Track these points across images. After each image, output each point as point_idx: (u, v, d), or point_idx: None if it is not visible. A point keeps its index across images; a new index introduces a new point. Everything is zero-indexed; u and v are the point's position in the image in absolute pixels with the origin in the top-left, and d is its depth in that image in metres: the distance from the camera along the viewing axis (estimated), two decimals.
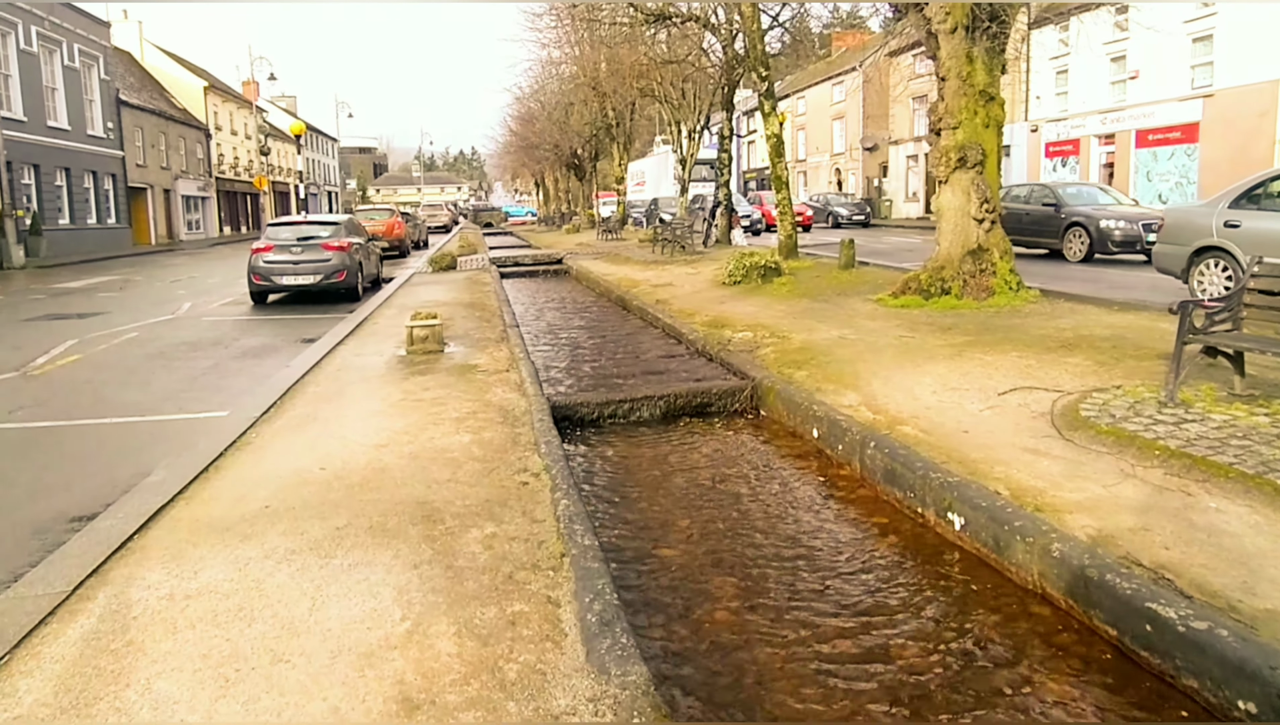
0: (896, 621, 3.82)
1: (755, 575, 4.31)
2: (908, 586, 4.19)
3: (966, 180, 10.83)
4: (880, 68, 45.83)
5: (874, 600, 4.04)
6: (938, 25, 10.81)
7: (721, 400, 7.47)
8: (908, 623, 3.81)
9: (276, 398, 7.38)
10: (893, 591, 4.13)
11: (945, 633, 3.72)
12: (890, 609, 3.95)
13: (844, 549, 4.62)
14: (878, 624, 3.80)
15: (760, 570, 4.36)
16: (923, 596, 4.08)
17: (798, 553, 4.57)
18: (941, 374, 7.18)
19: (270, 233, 15.76)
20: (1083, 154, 32.62)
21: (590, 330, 12.31)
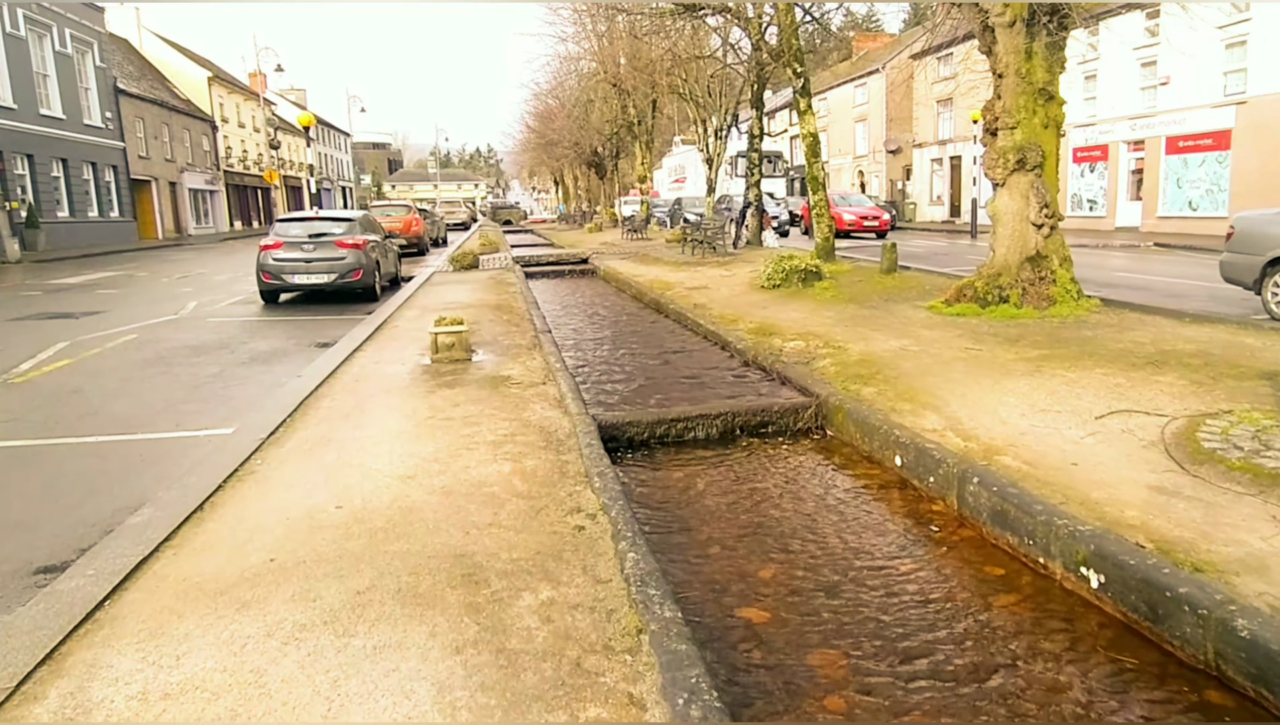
0: (1049, 705, 3.10)
1: (864, 646, 3.58)
2: (1047, 658, 3.47)
3: (1025, 183, 10.09)
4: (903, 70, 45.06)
5: (1017, 679, 3.31)
6: (995, 18, 10.07)
7: (783, 418, 6.75)
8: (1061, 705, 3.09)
9: (287, 414, 6.68)
10: (1032, 665, 3.41)
11: None
12: (1040, 687, 3.23)
13: (961, 609, 3.89)
14: (1028, 711, 3.08)
15: (869, 640, 3.64)
16: (1069, 674, 3.35)
17: (907, 612, 3.85)
18: (1024, 393, 6.44)
19: (280, 229, 15.03)
20: (1111, 160, 31.76)
21: (626, 336, 11.58)
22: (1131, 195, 31.25)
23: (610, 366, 9.46)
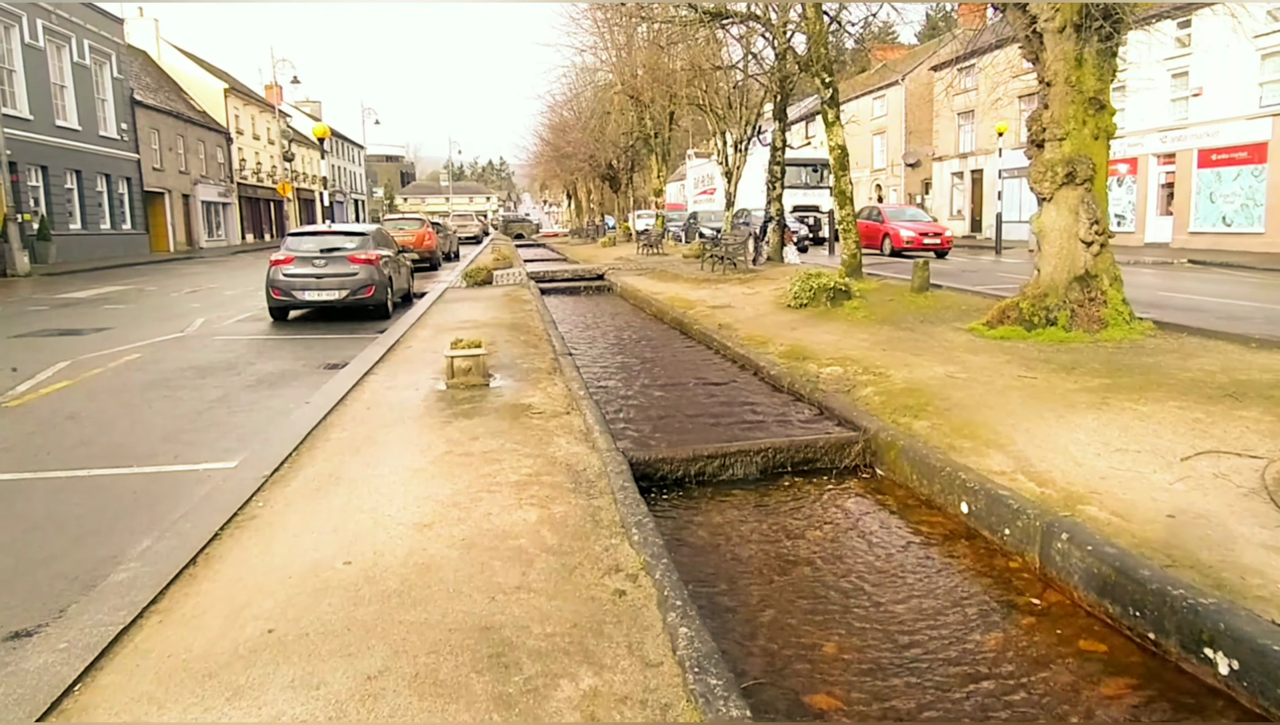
0: None
1: None
2: None
3: (1074, 198, 9.55)
4: (922, 81, 44.59)
5: None
6: (1044, 23, 9.55)
7: (829, 455, 6.22)
8: None
9: (293, 447, 6.19)
10: None
11: None
12: None
13: (1064, 695, 3.35)
14: None
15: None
16: None
17: (1001, 698, 3.31)
18: (1095, 429, 5.89)
19: (291, 244, 14.60)
20: (1140, 173, 31.05)
21: (649, 359, 11.06)
22: (1161, 210, 30.51)
23: (634, 392, 8.94)
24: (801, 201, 33.50)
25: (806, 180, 35.21)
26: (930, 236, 27.19)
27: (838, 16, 17.59)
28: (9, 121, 26.82)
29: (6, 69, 28.37)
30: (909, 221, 28.24)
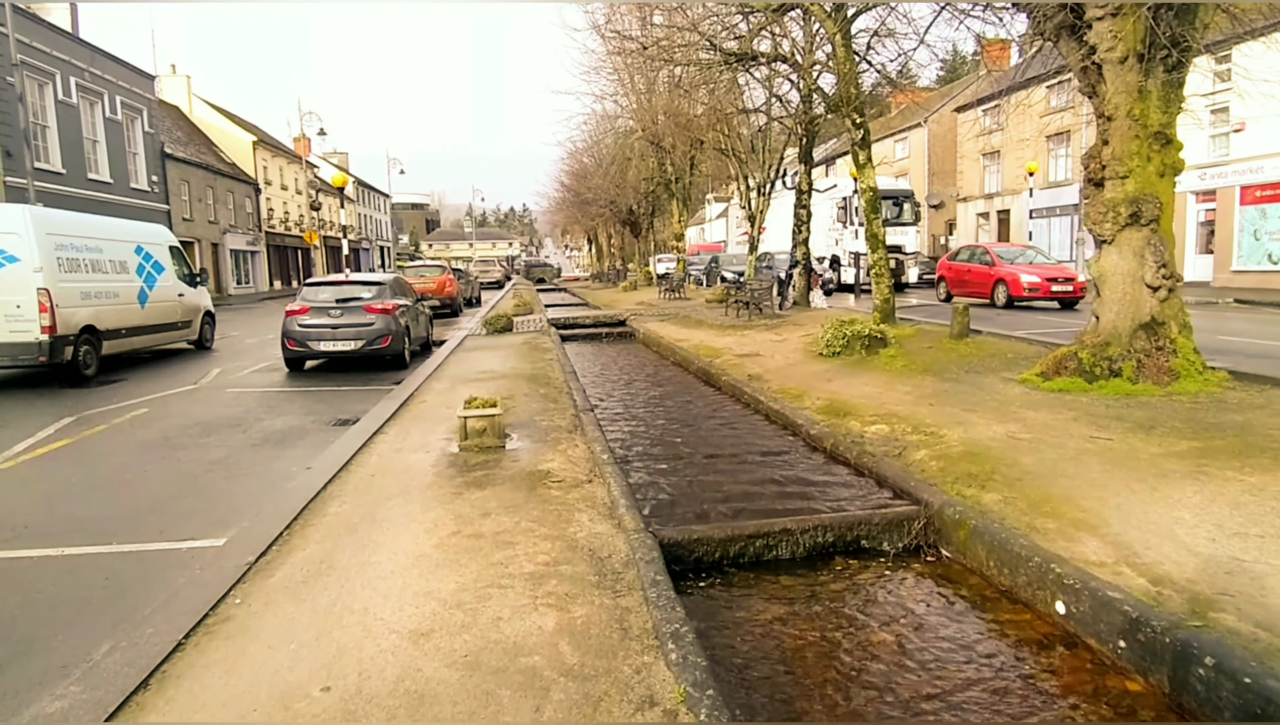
0: None
1: None
2: None
3: (1139, 240, 8.82)
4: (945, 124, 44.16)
5: None
6: (1104, 53, 8.87)
7: (886, 533, 5.47)
8: None
9: (286, 523, 5.55)
10: None
11: None
12: None
13: None
14: None
15: None
16: None
17: None
18: (1199, 506, 5.11)
19: (306, 294, 14.17)
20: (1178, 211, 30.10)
21: (674, 414, 10.35)
22: (1201, 248, 29.49)
23: (660, 453, 8.22)
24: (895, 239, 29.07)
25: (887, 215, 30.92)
26: (1060, 282, 21.26)
27: (867, 56, 17.05)
28: (41, 175, 27.00)
29: (40, 125, 28.66)
30: (1029, 264, 22.48)
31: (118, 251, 14.82)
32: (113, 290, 14.41)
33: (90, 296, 13.64)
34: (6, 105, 25.54)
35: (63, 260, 13.08)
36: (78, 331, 13.07)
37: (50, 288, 12.60)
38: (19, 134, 24.94)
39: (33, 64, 27.46)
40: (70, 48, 30.65)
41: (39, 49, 28.14)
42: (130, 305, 14.98)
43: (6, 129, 25.74)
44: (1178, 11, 8.60)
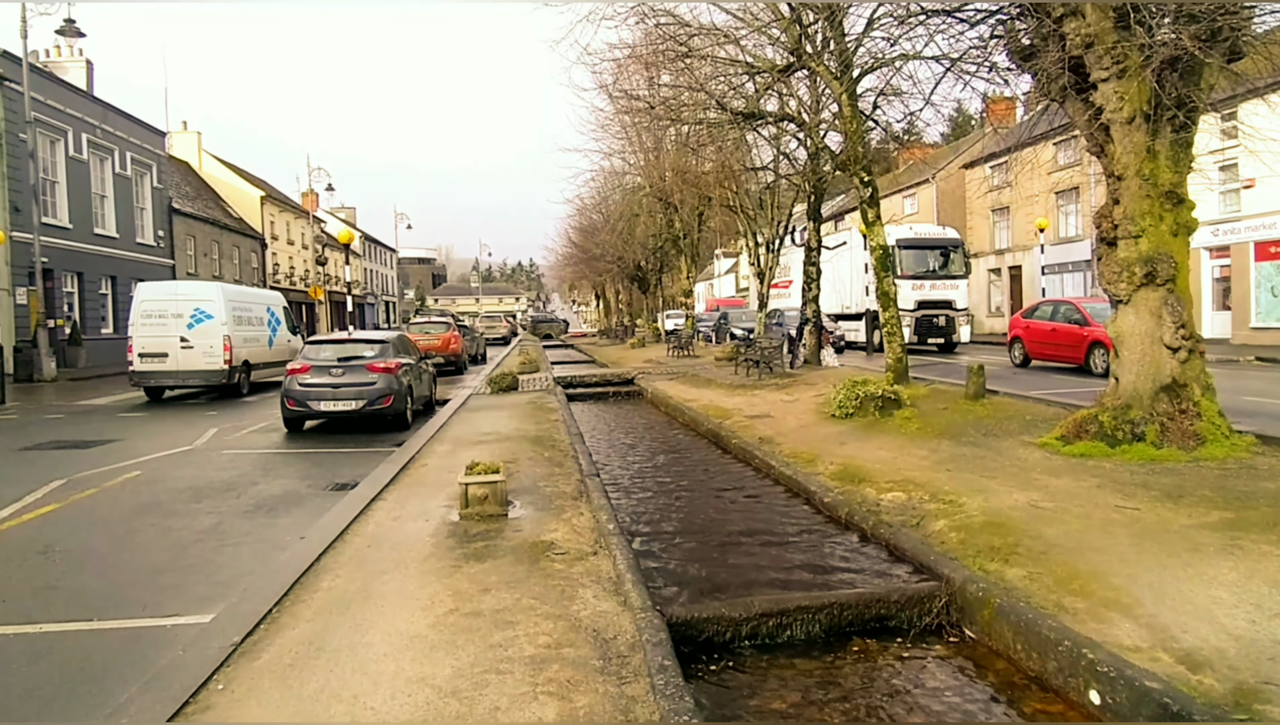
0: None
1: None
2: None
3: (1156, 299, 8.64)
4: (953, 179, 44.43)
5: None
6: (1111, 113, 8.79)
7: (906, 611, 5.20)
8: None
9: (276, 599, 5.30)
10: None
11: None
12: None
13: None
14: None
15: None
16: None
17: None
18: (1237, 584, 4.83)
19: (308, 352, 14.03)
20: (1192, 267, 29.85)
21: (683, 479, 10.10)
22: (1218, 304, 29.05)
23: (668, 523, 7.96)
24: (928, 296, 26.89)
25: (933, 267, 27.63)
26: None
27: (874, 115, 17.11)
28: (48, 230, 27.11)
29: (50, 180, 28.87)
30: None
31: (258, 311, 21.17)
32: (256, 337, 20.60)
33: (247, 341, 19.87)
34: (18, 161, 25.80)
35: (235, 317, 19.32)
36: (240, 364, 19.31)
37: (230, 335, 18.83)
38: (28, 190, 25.14)
39: (46, 121, 27.84)
40: (84, 105, 31.06)
41: (53, 106, 28.52)
42: (265, 347, 21.03)
43: (16, 184, 25.97)
44: (1182, 73, 8.55)
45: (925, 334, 26.48)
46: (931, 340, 26.78)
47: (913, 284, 26.30)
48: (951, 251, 28.04)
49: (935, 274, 27.02)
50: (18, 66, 24.93)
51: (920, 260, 27.00)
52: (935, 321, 26.79)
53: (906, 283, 25.66)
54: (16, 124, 25.54)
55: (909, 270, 26.40)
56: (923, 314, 26.47)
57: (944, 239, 28.70)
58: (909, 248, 26.92)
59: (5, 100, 25.93)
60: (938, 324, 26.93)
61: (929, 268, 27.23)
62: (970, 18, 11.02)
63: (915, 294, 26.31)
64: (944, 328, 26.88)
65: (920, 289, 26.67)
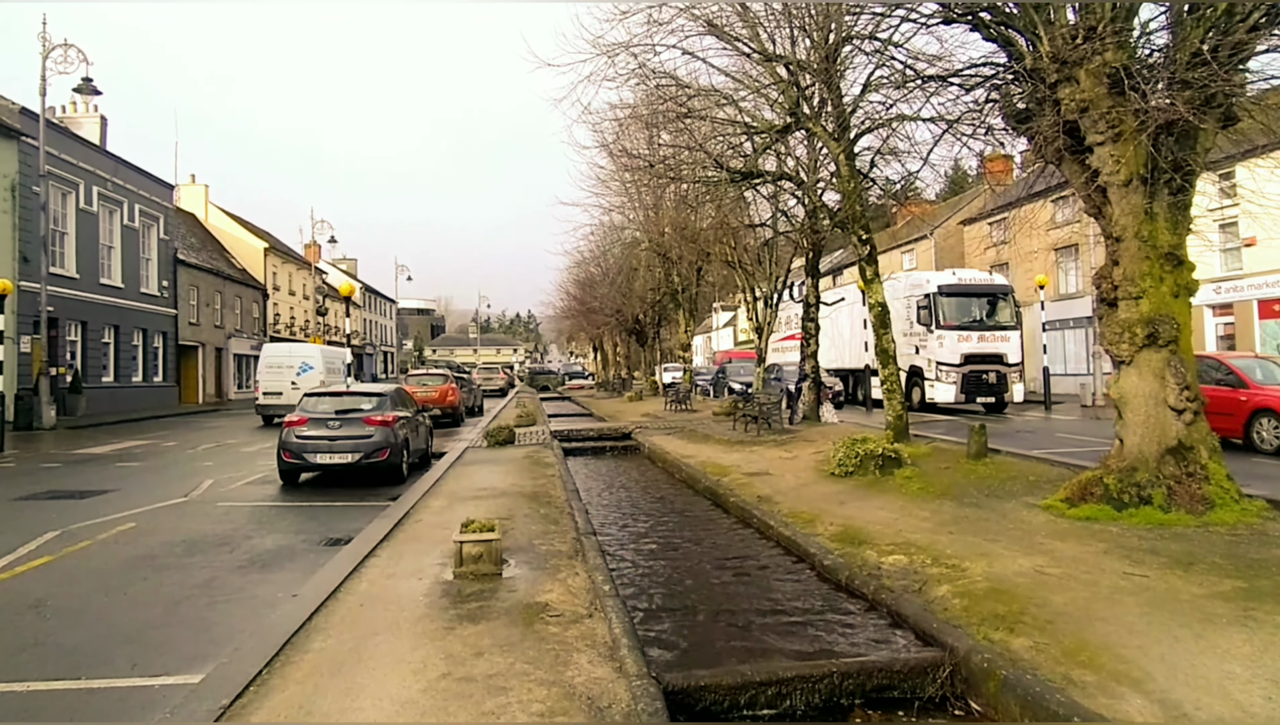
0: None
1: None
2: None
3: (1159, 361, 8.61)
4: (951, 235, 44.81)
5: None
6: (1108, 176, 8.86)
7: (909, 681, 5.07)
8: None
9: (266, 660, 5.18)
10: None
11: None
12: None
13: None
14: None
15: None
16: None
17: None
18: (1251, 657, 4.72)
19: (306, 404, 14.00)
20: (1195, 325, 29.88)
21: (680, 539, 9.95)
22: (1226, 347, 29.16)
23: (665, 585, 7.82)
24: (976, 349, 24.01)
25: (979, 316, 24.99)
26: None
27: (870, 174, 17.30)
28: (55, 280, 27.45)
29: (59, 231, 29.30)
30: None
31: (338, 363, 29.33)
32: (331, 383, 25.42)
33: None
34: (29, 213, 26.21)
35: (327, 368, 27.88)
36: None
37: (324, 380, 26.00)
38: (37, 240, 25.48)
39: (59, 175, 28.36)
40: (96, 159, 31.70)
41: (67, 160, 29.11)
42: None
43: (27, 235, 26.35)
44: (1178, 137, 8.63)
45: (973, 392, 24.11)
46: (980, 399, 24.17)
47: (958, 335, 24.09)
48: (1000, 299, 25.56)
49: (983, 324, 24.58)
50: (35, 122, 25.51)
51: (965, 309, 24.70)
52: (985, 378, 24.06)
53: (951, 334, 23.97)
54: (31, 177, 26.07)
55: (952, 320, 24.24)
56: (970, 370, 23.82)
57: (991, 286, 26.15)
58: (952, 295, 24.69)
59: (21, 154, 26.52)
60: (987, 381, 24.22)
61: (975, 317, 24.82)
62: (965, 82, 11.19)
63: (962, 346, 23.95)
64: (995, 386, 24.38)
65: (967, 341, 24.12)
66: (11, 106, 27.10)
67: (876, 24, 12.69)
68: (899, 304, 24.28)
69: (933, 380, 24.41)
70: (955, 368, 23.69)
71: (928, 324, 25.08)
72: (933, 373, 24.41)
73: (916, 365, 25.05)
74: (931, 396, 24.43)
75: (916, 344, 25.21)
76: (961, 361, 23.93)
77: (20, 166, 26.47)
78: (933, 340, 24.65)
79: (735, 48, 14.56)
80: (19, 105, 27.23)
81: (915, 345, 25.20)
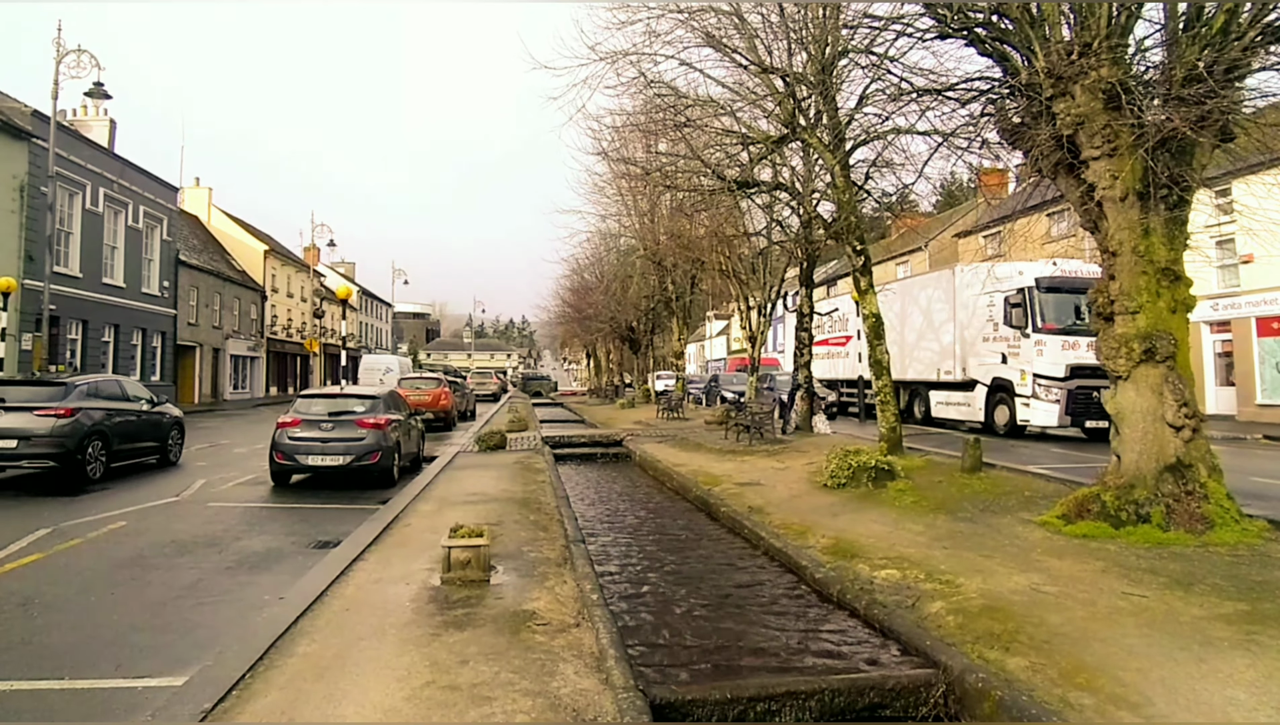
0: None
1: None
2: None
3: (1156, 377, 8.56)
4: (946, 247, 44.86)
5: None
6: (1104, 191, 8.82)
7: (901, 699, 5.00)
8: None
9: (251, 663, 5.11)
10: None
11: None
12: None
13: None
14: None
15: None
16: None
17: None
18: (1255, 682, 4.64)
19: (300, 406, 13.93)
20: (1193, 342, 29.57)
21: (669, 548, 9.88)
22: (1221, 380, 28.38)
23: (653, 595, 7.75)
24: (1086, 360, 17.85)
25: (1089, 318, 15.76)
26: None
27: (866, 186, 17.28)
28: (59, 279, 27.52)
29: (65, 232, 29.37)
30: None
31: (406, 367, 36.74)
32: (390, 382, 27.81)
33: None
34: (36, 213, 26.32)
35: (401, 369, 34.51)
36: None
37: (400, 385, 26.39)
38: (43, 240, 25.60)
39: (67, 176, 28.44)
40: (104, 161, 31.84)
41: (75, 162, 29.19)
42: None
43: (33, 235, 26.44)
44: (1175, 152, 8.61)
45: (1081, 414, 18.61)
46: (1090, 423, 18.72)
47: (1063, 342, 18.71)
48: None
49: (1076, 329, 18.75)
50: (45, 125, 25.64)
51: (1070, 308, 18.98)
52: (1095, 396, 17.48)
53: (1054, 340, 18.70)
54: (39, 177, 26.17)
55: (1054, 322, 18.99)
56: (1078, 386, 18.51)
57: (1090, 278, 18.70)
58: (1054, 290, 19.26)
59: (31, 155, 26.70)
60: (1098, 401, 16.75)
61: (1084, 319, 18.25)
62: (961, 96, 11.16)
63: (1067, 356, 18.55)
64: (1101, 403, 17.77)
65: (1073, 348, 18.56)
66: (23, 109, 27.35)
67: (873, 38, 12.68)
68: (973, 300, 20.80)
69: (1027, 397, 19.28)
70: (1059, 383, 18.55)
71: (1021, 326, 19.46)
72: (1028, 388, 19.20)
73: (1002, 378, 20.22)
74: (1026, 418, 19.43)
75: (1003, 351, 20.14)
76: (1067, 374, 18.55)
77: (30, 167, 26.63)
78: (1028, 347, 19.24)
79: (733, 59, 14.55)
80: (31, 107, 27.51)
81: (1001, 352, 20.19)
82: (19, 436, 12.44)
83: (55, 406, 12.88)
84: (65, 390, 13.45)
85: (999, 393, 20.40)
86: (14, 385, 14.35)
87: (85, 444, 13.14)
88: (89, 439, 13.27)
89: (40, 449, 12.56)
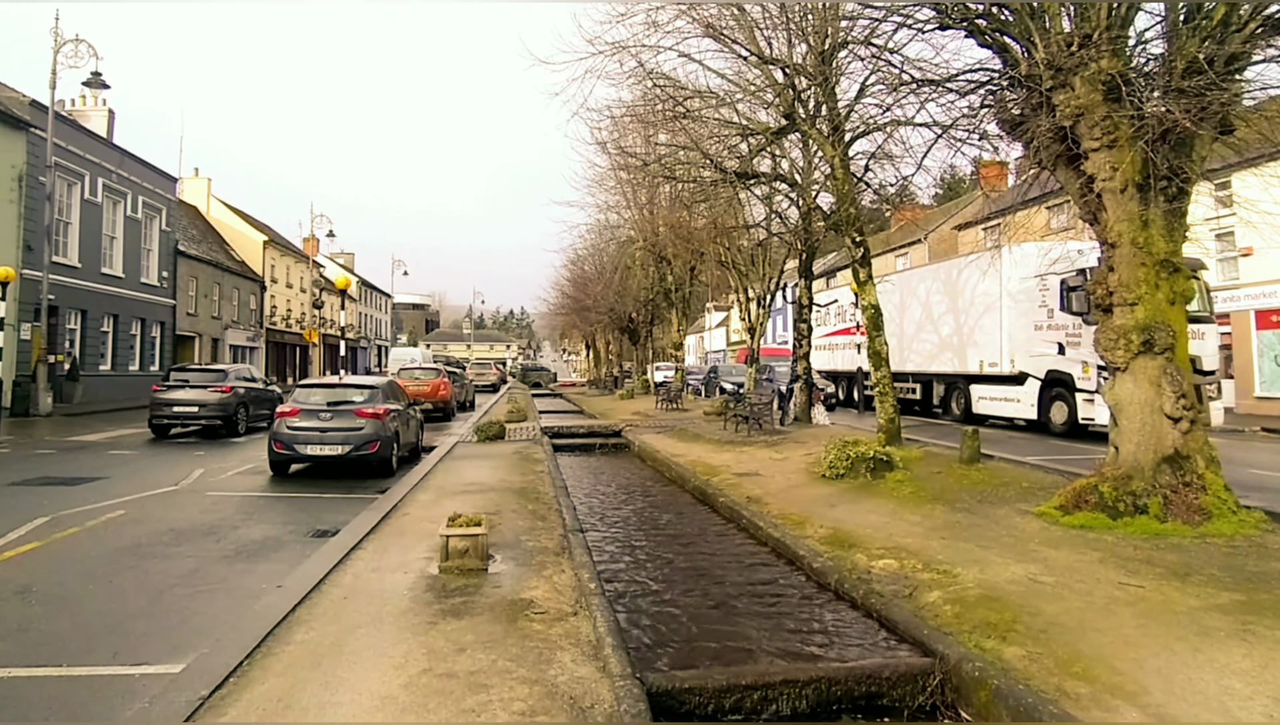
0: None
1: None
2: None
3: (1155, 368, 8.56)
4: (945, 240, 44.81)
5: None
6: (1104, 182, 8.81)
7: (898, 688, 5.00)
8: None
9: (248, 651, 5.12)
10: None
11: None
12: None
13: None
14: None
15: None
16: None
17: None
18: (1251, 672, 4.65)
19: (299, 395, 13.94)
20: None
21: (668, 537, 9.90)
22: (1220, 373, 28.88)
23: (651, 584, 7.76)
24: None
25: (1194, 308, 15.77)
26: None
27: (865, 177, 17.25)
28: (57, 269, 27.52)
29: (64, 221, 29.32)
30: None
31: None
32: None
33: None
34: (35, 203, 26.34)
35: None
36: None
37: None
38: (42, 230, 25.60)
39: (66, 166, 28.39)
40: (102, 151, 31.79)
41: (74, 152, 29.15)
42: None
43: (31, 225, 26.45)
44: (1174, 144, 8.59)
45: None
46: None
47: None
48: None
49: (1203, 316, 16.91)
50: (44, 114, 25.65)
51: None
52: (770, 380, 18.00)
53: None
54: (38, 167, 26.20)
55: None
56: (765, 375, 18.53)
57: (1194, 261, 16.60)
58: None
59: (30, 145, 26.65)
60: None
61: None
62: (960, 88, 11.12)
63: None
64: None
65: None
66: (22, 99, 27.31)
67: (872, 29, 12.61)
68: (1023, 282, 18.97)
69: (1090, 393, 17.36)
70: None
71: (1083, 312, 17.24)
72: (1091, 381, 17.17)
73: (1059, 372, 18.42)
74: (1089, 415, 17.59)
75: (1061, 341, 18.32)
76: None
77: (28, 157, 26.58)
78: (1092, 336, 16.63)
79: (733, 50, 14.52)
80: (29, 97, 27.48)
81: (1059, 342, 18.35)
82: (200, 404, 19.14)
83: (221, 385, 19.70)
84: (224, 375, 20.58)
85: (1055, 387, 18.69)
86: (194, 371, 21.28)
87: (237, 410, 19.80)
88: (240, 407, 19.98)
89: (213, 412, 19.23)
